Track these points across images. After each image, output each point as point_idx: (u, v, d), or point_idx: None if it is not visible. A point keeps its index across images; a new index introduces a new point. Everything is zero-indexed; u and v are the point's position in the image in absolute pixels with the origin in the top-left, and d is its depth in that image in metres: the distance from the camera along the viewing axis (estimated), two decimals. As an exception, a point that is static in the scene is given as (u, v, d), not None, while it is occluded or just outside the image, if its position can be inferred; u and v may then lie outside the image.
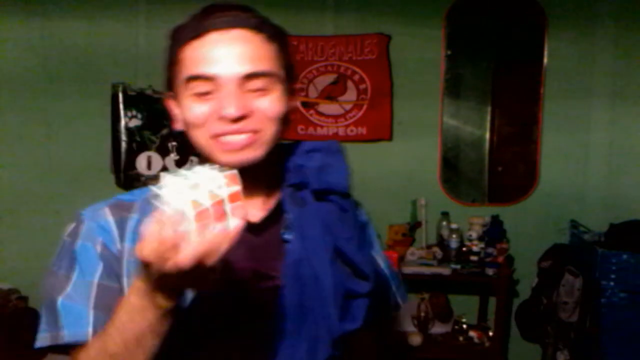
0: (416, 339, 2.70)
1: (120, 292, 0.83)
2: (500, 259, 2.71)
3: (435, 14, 2.94)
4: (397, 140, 2.99)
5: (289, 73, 0.88)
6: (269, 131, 0.84)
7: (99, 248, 0.84)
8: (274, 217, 0.89)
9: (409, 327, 2.79)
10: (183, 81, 0.82)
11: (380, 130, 2.97)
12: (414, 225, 2.94)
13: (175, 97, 0.86)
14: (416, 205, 2.97)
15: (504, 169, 3.23)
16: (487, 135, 3.19)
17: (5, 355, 2.59)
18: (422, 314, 2.78)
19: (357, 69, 2.95)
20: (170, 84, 0.87)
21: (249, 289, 0.85)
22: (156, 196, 0.66)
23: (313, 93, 2.98)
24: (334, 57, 2.96)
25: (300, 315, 0.83)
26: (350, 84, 2.97)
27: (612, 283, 2.49)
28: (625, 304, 2.49)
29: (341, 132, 2.97)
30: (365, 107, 2.96)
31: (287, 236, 0.87)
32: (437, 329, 2.82)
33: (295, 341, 0.82)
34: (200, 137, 0.83)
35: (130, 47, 2.90)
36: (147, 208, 0.86)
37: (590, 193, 2.97)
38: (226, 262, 0.82)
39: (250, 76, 0.81)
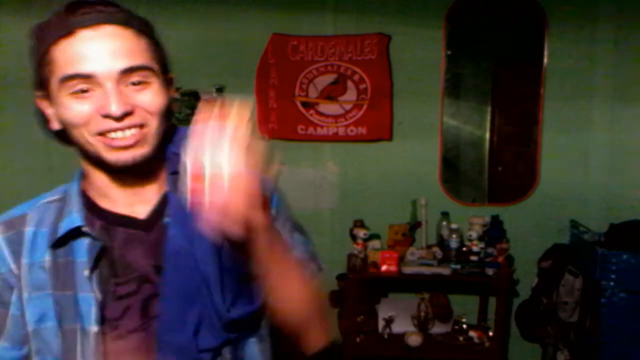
0: (416, 339, 2.70)
1: (8, 314, 0.84)
2: (500, 259, 2.71)
3: (435, 14, 2.93)
4: (397, 140, 2.99)
5: (163, 65, 0.87)
6: (153, 126, 0.83)
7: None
8: (160, 210, 0.87)
9: (409, 327, 2.79)
10: (58, 81, 0.80)
11: (380, 130, 2.97)
12: (414, 225, 2.94)
13: (49, 97, 0.83)
14: (416, 205, 2.97)
15: (504, 169, 3.23)
16: (487, 135, 3.19)
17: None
18: (422, 314, 2.78)
19: (357, 69, 2.95)
20: (42, 84, 0.83)
21: (146, 286, 0.84)
22: None
23: (313, 93, 2.98)
24: (334, 57, 2.96)
25: (185, 300, 0.82)
26: (350, 84, 2.97)
27: (612, 283, 2.49)
28: (625, 304, 2.49)
29: (341, 132, 2.97)
30: (365, 107, 2.96)
31: (165, 221, 0.86)
32: (437, 329, 2.82)
33: (178, 327, 0.82)
34: (83, 136, 0.81)
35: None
36: (42, 217, 0.87)
37: (590, 193, 2.97)
38: (122, 263, 0.84)
39: (127, 71, 0.80)
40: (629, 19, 2.88)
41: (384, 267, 2.67)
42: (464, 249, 2.78)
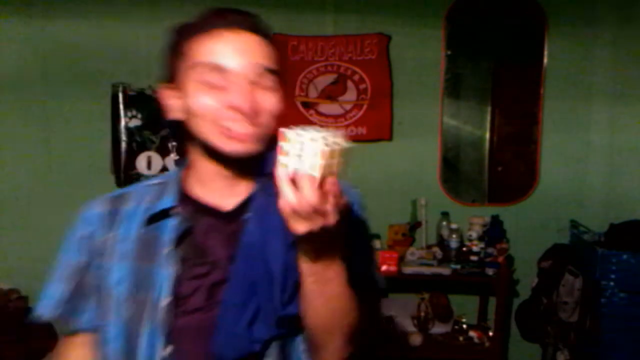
0: (416, 339, 2.70)
1: (97, 277, 0.93)
2: (500, 259, 2.71)
3: (435, 14, 2.93)
4: (397, 140, 2.99)
5: (281, 74, 0.92)
6: (268, 128, 0.88)
7: (83, 235, 0.94)
8: (245, 206, 0.94)
9: (409, 327, 2.79)
10: (190, 67, 0.86)
11: (380, 130, 2.97)
12: (414, 225, 2.94)
13: (176, 87, 0.89)
14: (416, 205, 2.97)
15: (504, 169, 3.23)
16: (487, 135, 3.19)
17: (5, 355, 2.59)
18: (422, 314, 2.78)
19: (357, 69, 2.95)
20: (171, 75, 0.90)
21: (219, 273, 0.90)
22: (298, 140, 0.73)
23: (313, 93, 2.98)
24: (334, 57, 2.96)
25: (249, 290, 0.87)
26: (350, 84, 2.97)
27: (612, 283, 2.49)
28: (625, 304, 2.49)
29: (341, 132, 2.97)
30: (365, 107, 2.96)
31: (245, 217, 0.92)
32: (437, 329, 2.82)
33: (240, 311, 0.87)
34: (205, 125, 0.86)
35: (130, 47, 2.89)
36: (143, 196, 0.96)
37: (590, 193, 2.97)
38: (206, 248, 0.91)
39: (262, 72, 0.86)
40: (629, 19, 2.89)
41: (384, 267, 2.67)
42: (464, 249, 2.78)
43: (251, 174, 0.94)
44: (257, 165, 0.93)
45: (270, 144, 0.92)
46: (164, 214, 0.92)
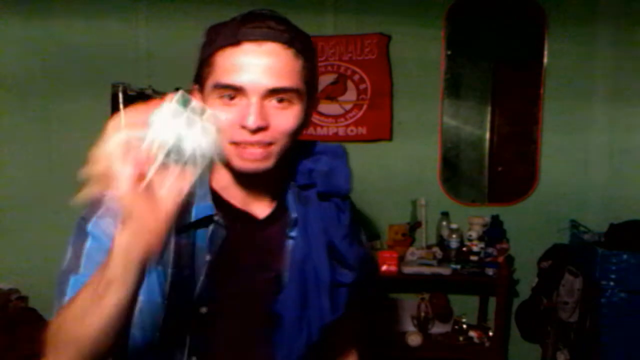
0: (416, 339, 2.70)
1: None
2: (500, 259, 2.71)
3: (435, 14, 2.93)
4: (397, 140, 2.99)
5: (311, 86, 0.92)
6: (281, 144, 0.89)
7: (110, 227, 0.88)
8: (278, 214, 0.97)
9: (409, 327, 2.79)
10: (212, 86, 0.87)
11: (380, 130, 2.97)
12: (414, 225, 2.94)
13: (202, 95, 0.90)
14: (416, 205, 2.97)
15: (504, 169, 3.23)
16: (487, 135, 3.19)
17: (5, 355, 2.59)
18: (422, 314, 2.78)
19: (357, 69, 2.95)
20: (199, 81, 0.91)
21: (251, 279, 0.93)
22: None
23: (313, 93, 2.98)
24: (334, 57, 2.96)
25: (302, 305, 0.91)
26: (350, 84, 2.97)
27: (612, 283, 2.49)
28: (625, 304, 2.49)
29: (341, 132, 2.97)
30: (365, 107, 2.96)
31: (292, 234, 0.95)
32: (437, 329, 2.82)
33: (298, 327, 0.91)
34: (221, 140, 0.86)
35: (130, 47, 2.90)
36: None
37: (590, 193, 2.97)
38: (234, 254, 0.92)
39: (274, 91, 0.86)
40: (629, 19, 2.88)
41: (384, 267, 2.67)
42: (464, 249, 2.78)
43: (276, 185, 0.96)
44: (281, 176, 0.96)
45: (297, 157, 0.96)
46: (202, 220, 0.90)
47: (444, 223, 2.91)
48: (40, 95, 2.92)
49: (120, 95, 2.87)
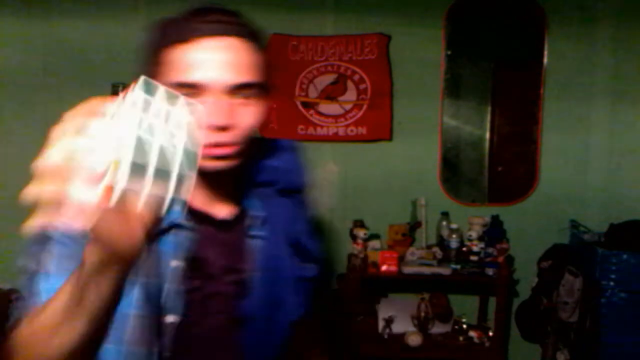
0: (416, 339, 2.70)
1: None
2: (500, 259, 2.71)
3: (435, 14, 2.93)
4: (397, 140, 2.99)
5: (268, 79, 0.88)
6: (245, 143, 0.85)
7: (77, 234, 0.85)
8: (241, 214, 0.94)
9: (409, 327, 2.79)
10: (166, 85, 0.80)
11: (380, 130, 2.97)
12: (414, 225, 2.94)
13: None
14: (416, 205, 2.97)
15: (504, 169, 3.23)
16: (487, 135, 3.19)
17: (5, 355, 2.59)
18: (422, 314, 2.78)
19: (357, 69, 2.95)
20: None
21: (219, 283, 0.90)
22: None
23: (313, 93, 2.97)
24: (334, 57, 2.96)
25: (271, 304, 0.90)
26: (350, 84, 2.97)
27: (612, 283, 2.50)
28: (625, 304, 2.50)
29: (341, 132, 2.97)
30: (365, 107, 2.96)
31: (256, 232, 0.93)
32: (437, 329, 2.82)
33: (267, 328, 0.90)
34: None
35: (130, 47, 2.89)
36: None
37: (590, 193, 2.97)
38: (202, 259, 0.89)
39: (237, 87, 0.82)
40: (629, 19, 2.88)
41: (384, 267, 2.67)
42: (464, 249, 2.78)
43: (237, 181, 0.93)
44: (243, 175, 0.93)
45: (255, 155, 0.93)
46: (173, 226, 0.85)
47: (444, 223, 2.91)
48: (40, 95, 2.92)
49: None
